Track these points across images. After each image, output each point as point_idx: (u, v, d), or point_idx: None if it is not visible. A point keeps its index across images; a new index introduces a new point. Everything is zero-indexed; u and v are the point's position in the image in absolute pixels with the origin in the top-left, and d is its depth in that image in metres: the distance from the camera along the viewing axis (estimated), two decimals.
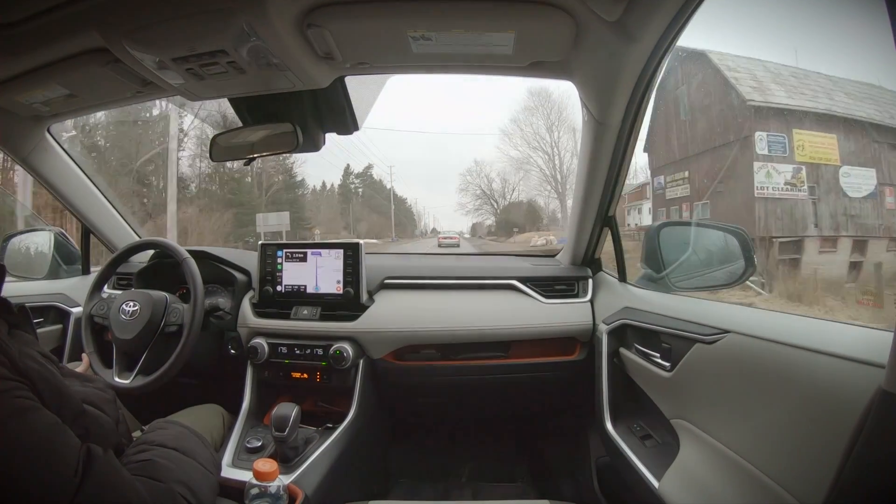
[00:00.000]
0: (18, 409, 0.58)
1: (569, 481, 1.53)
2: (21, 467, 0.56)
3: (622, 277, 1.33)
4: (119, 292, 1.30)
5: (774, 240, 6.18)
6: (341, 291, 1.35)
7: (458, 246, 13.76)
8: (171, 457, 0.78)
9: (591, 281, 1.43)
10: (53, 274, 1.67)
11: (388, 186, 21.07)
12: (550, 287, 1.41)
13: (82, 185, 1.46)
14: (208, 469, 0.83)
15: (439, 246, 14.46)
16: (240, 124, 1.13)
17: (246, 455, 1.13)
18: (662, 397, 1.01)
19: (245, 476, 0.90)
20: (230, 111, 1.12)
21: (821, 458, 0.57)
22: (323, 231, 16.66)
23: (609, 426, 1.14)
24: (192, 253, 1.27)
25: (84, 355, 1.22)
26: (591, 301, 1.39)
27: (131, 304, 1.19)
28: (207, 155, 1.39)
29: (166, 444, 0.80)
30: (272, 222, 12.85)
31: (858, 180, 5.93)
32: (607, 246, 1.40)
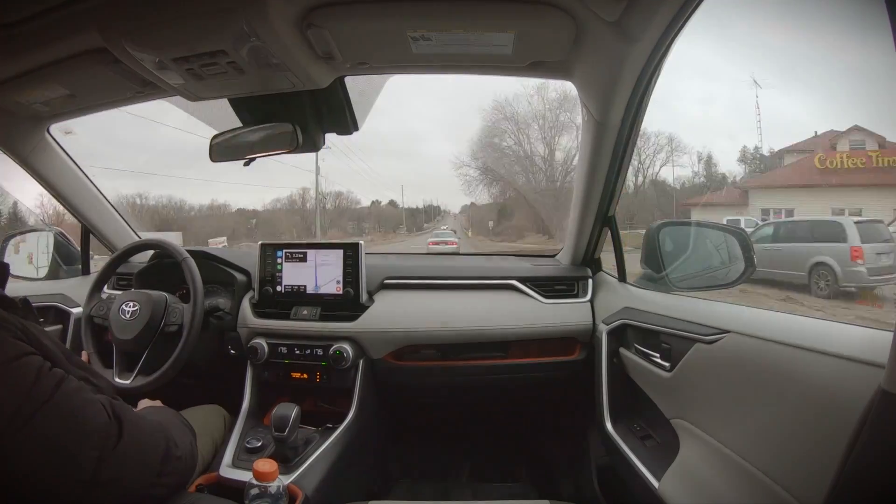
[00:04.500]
0: (58, 379, 0.63)
1: (569, 481, 1.53)
2: (74, 427, 0.62)
3: (622, 277, 1.33)
4: (119, 293, 1.30)
5: None
6: (341, 291, 1.35)
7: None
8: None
9: (590, 281, 1.43)
10: (53, 274, 1.66)
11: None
12: (550, 287, 1.41)
13: (82, 186, 1.46)
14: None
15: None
16: (239, 124, 1.14)
17: (246, 455, 1.13)
18: (662, 397, 1.01)
19: (245, 476, 0.90)
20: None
21: (821, 458, 0.57)
22: None
23: (609, 426, 1.14)
24: (192, 253, 1.26)
25: (84, 355, 1.22)
26: (591, 301, 1.39)
27: (131, 304, 1.19)
28: None
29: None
30: None
31: None
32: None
